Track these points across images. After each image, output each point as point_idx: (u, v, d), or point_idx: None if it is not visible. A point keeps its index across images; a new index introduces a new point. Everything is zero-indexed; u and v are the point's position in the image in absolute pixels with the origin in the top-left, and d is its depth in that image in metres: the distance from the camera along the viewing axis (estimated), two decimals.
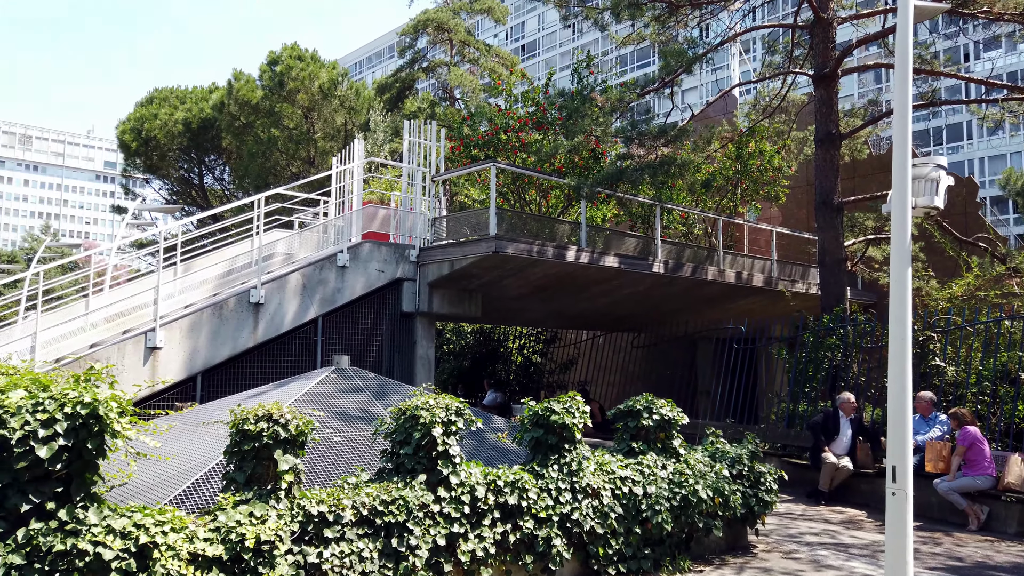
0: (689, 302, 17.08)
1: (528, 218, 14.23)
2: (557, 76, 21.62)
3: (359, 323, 12.20)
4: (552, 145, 14.61)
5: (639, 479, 6.99)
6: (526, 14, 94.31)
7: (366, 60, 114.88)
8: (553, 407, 6.59)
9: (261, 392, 7.70)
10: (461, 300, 13.36)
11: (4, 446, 3.90)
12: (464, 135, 16.86)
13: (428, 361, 12.87)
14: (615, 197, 15.77)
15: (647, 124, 14.85)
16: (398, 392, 7.91)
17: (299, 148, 27.42)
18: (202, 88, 31.61)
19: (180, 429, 6.64)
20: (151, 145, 30.37)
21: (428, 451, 5.70)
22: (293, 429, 4.98)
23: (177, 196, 32.72)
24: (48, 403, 4.00)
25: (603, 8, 13.61)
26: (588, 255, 13.04)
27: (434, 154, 13.61)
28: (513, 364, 21.68)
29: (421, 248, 12.83)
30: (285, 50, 27.09)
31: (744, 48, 59.58)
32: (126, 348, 9.33)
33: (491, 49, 31.44)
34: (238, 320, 10.49)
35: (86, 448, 4.08)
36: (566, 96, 15.21)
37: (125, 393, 4.41)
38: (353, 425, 6.93)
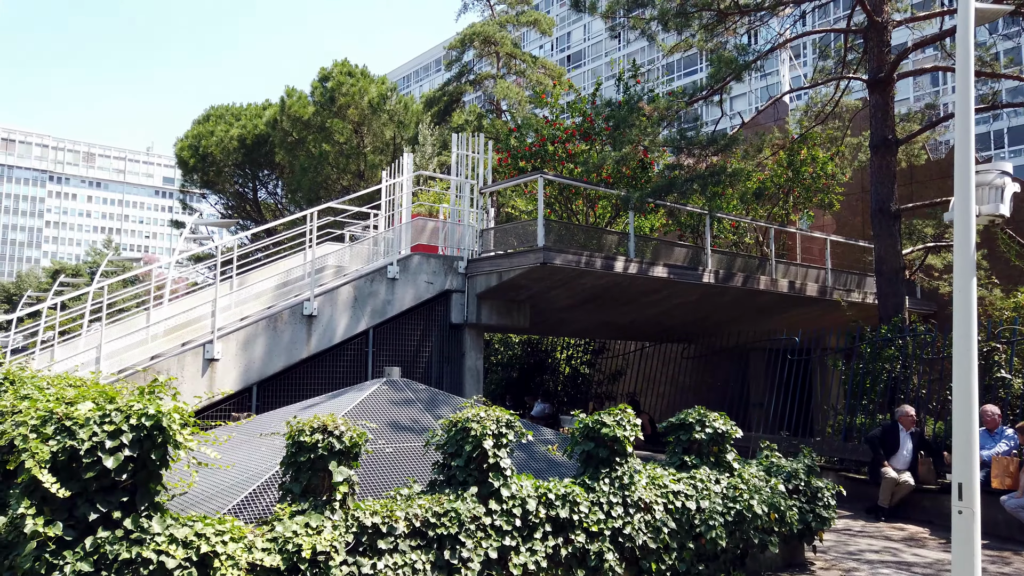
0: (740, 312, 16.81)
1: (576, 229, 14.21)
2: (604, 86, 21.52)
3: (409, 334, 12.32)
4: (599, 155, 14.57)
5: (692, 493, 6.88)
6: (571, 25, 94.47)
7: (413, 74, 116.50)
8: (604, 420, 6.55)
9: (315, 403, 7.82)
10: (509, 311, 13.38)
11: (73, 456, 4.04)
12: (511, 147, 16.94)
13: (477, 372, 12.92)
14: (663, 207, 15.64)
15: (696, 133, 14.70)
16: (448, 404, 7.95)
17: (349, 162, 27.89)
18: (256, 105, 32.45)
19: (237, 439, 6.80)
20: (208, 161, 31.29)
21: (479, 463, 5.71)
22: (347, 441, 5.04)
23: (232, 210, 33.59)
24: (114, 415, 4.13)
25: (651, 18, 13.55)
26: (637, 265, 12.95)
27: (482, 166, 13.70)
28: (561, 375, 21.62)
29: (469, 260, 12.91)
30: (336, 66, 27.64)
31: (794, 54, 58.61)
32: (185, 360, 9.60)
33: (537, 60, 31.56)
34: (292, 332, 10.69)
35: (150, 459, 4.20)
36: (613, 106, 15.16)
37: (186, 404, 4.53)
38: (404, 436, 6.99)
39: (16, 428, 4.15)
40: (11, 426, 4.20)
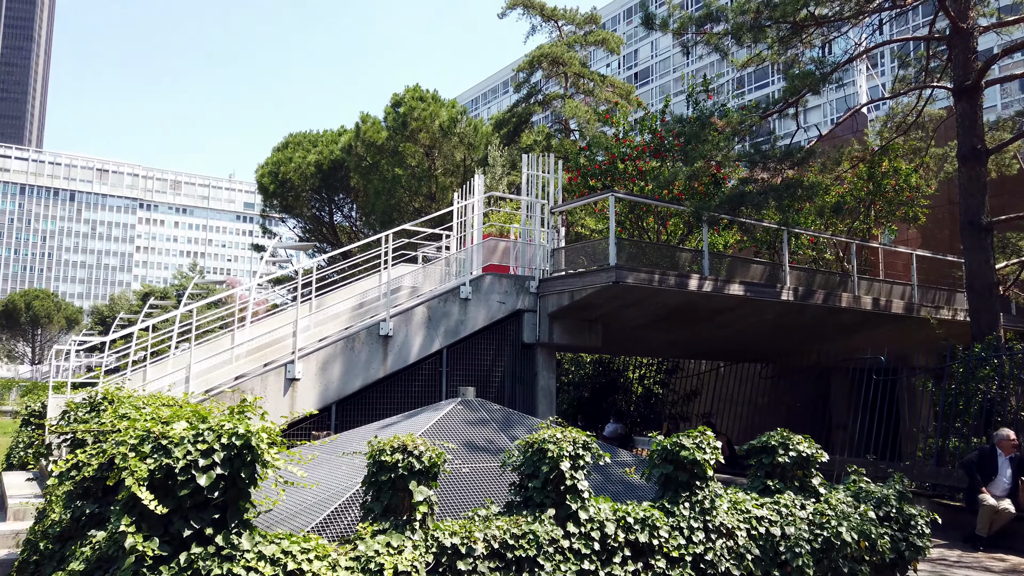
0: (821, 331, 16.26)
1: (647, 247, 14.06)
2: (673, 102, 21.35)
3: (481, 354, 12.40)
4: (671, 172, 14.41)
5: (776, 519, 6.65)
6: (639, 42, 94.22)
7: (482, 97, 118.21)
8: (682, 442, 6.41)
9: (392, 423, 7.94)
10: (581, 330, 13.32)
11: (169, 474, 4.21)
12: (580, 165, 16.94)
13: (549, 392, 12.88)
14: (738, 223, 15.33)
15: (771, 147, 14.39)
16: (523, 424, 7.94)
17: (421, 185, 28.42)
18: (332, 131, 33.50)
19: (319, 458, 6.95)
20: (286, 186, 32.42)
21: (556, 485, 5.67)
22: (427, 461, 5.09)
23: (309, 234, 34.65)
24: (207, 434, 4.29)
25: (724, 33, 13.38)
26: (711, 283, 12.70)
27: (552, 186, 13.74)
28: (633, 395, 21.33)
29: (541, 279, 12.92)
30: (408, 92, 28.30)
31: (871, 64, 56.85)
32: (268, 379, 9.90)
33: (605, 79, 31.57)
34: (369, 352, 10.91)
35: (240, 476, 4.33)
36: (684, 122, 15.00)
37: (273, 424, 4.67)
38: (480, 456, 7.01)
39: (116, 447, 4.35)
40: (112, 445, 4.41)
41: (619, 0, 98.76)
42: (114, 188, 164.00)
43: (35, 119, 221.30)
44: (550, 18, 31.89)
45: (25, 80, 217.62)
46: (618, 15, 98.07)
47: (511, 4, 31.30)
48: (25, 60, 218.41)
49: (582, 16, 31.94)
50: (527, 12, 31.60)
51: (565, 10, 31.89)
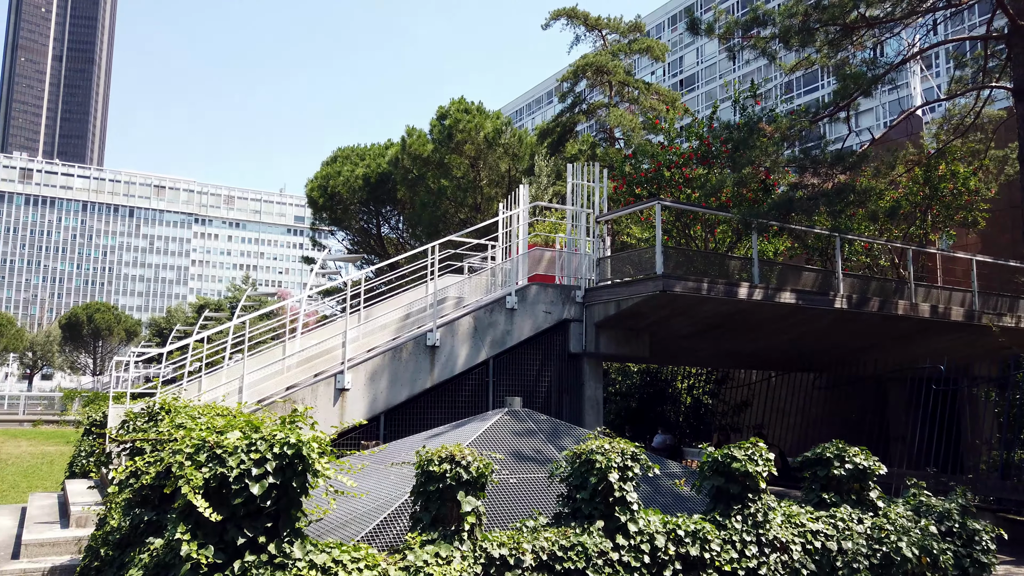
0: (876, 339, 15.80)
1: (695, 255, 13.88)
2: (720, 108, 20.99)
3: (527, 364, 12.38)
4: (718, 178, 14.22)
5: (833, 533, 6.47)
6: (684, 49, 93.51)
7: (526, 107, 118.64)
8: (734, 453, 6.30)
9: (440, 433, 7.97)
10: (628, 340, 13.19)
11: (223, 483, 4.29)
12: (626, 174, 16.83)
13: (596, 402, 12.78)
14: (788, 229, 15.04)
15: (821, 151, 14.08)
16: (570, 434, 7.90)
17: (466, 196, 28.62)
18: (379, 145, 34.01)
19: (368, 467, 7.01)
20: (335, 200, 33.00)
21: (605, 497, 5.62)
22: (474, 471, 5.10)
23: (357, 246, 35.17)
24: (259, 443, 4.37)
25: (771, 37, 13.17)
26: (761, 291, 12.47)
27: (597, 195, 13.69)
28: (682, 405, 21.04)
29: (587, 289, 12.86)
30: (453, 104, 28.57)
31: (925, 65, 55.36)
32: (318, 390, 10.05)
33: (650, 87, 31.38)
34: (416, 362, 10.99)
35: (291, 486, 4.40)
36: (731, 127, 14.79)
37: (323, 434, 4.73)
38: (527, 467, 6.98)
39: (173, 455, 4.46)
40: (168, 453, 4.52)
41: (664, 7, 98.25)
42: (171, 204, 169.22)
43: (96, 139, 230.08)
44: (594, 27, 31.88)
45: (87, 102, 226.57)
46: (662, 22, 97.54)
47: (555, 15, 31.37)
48: (87, 82, 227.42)
49: (626, 24, 31.84)
50: (571, 22, 31.63)
51: (609, 19, 31.85)
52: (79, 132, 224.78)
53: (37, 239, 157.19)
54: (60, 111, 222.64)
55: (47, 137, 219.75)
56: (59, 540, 8.13)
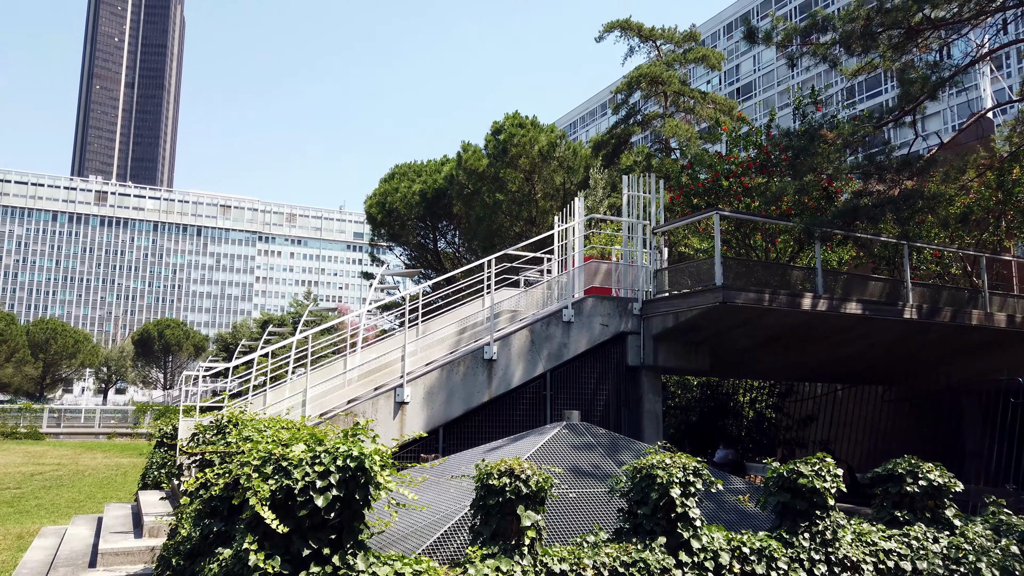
0: (949, 351, 15.20)
1: (755, 265, 13.61)
2: (778, 116, 20.58)
3: (585, 377, 12.30)
4: (778, 187, 13.92)
5: (907, 553, 6.22)
6: (740, 57, 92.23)
7: (580, 120, 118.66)
8: (800, 469, 6.12)
9: (498, 446, 7.98)
10: (687, 352, 13.00)
11: (289, 495, 4.39)
12: (683, 184, 16.64)
13: (656, 416, 12.61)
14: (852, 238, 14.60)
15: (887, 157, 13.66)
16: (630, 449, 7.81)
17: (521, 209, 28.74)
18: (435, 161, 34.50)
19: (428, 480, 7.07)
20: (393, 216, 33.57)
21: (667, 512, 5.53)
22: (533, 485, 5.09)
23: (415, 260, 35.65)
24: (323, 456, 4.45)
25: (832, 42, 12.88)
26: (826, 302, 12.14)
27: (653, 206, 13.57)
28: (744, 419, 20.57)
29: (644, 301, 12.73)
30: (507, 119, 28.78)
31: (995, 65, 53.29)
32: (378, 403, 10.19)
33: (706, 96, 31.05)
34: (473, 376, 11.05)
35: (354, 498, 4.47)
36: (791, 135, 14.48)
37: (385, 447, 4.79)
38: (586, 482, 6.93)
39: (241, 467, 4.58)
40: (236, 465, 4.64)
41: (718, 16, 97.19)
42: (236, 223, 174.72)
43: (166, 161, 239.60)
44: (648, 38, 31.74)
45: (157, 126, 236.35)
46: (717, 31, 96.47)
47: (608, 27, 31.37)
48: (157, 108, 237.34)
49: (681, 34, 31.61)
50: (624, 34, 31.57)
51: (663, 29, 31.67)
52: (150, 155, 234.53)
53: (111, 258, 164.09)
54: (132, 136, 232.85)
55: (120, 161, 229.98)
56: (133, 549, 8.42)
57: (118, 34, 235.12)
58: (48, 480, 21.46)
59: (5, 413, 46.51)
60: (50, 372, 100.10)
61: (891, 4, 12.39)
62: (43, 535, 11.43)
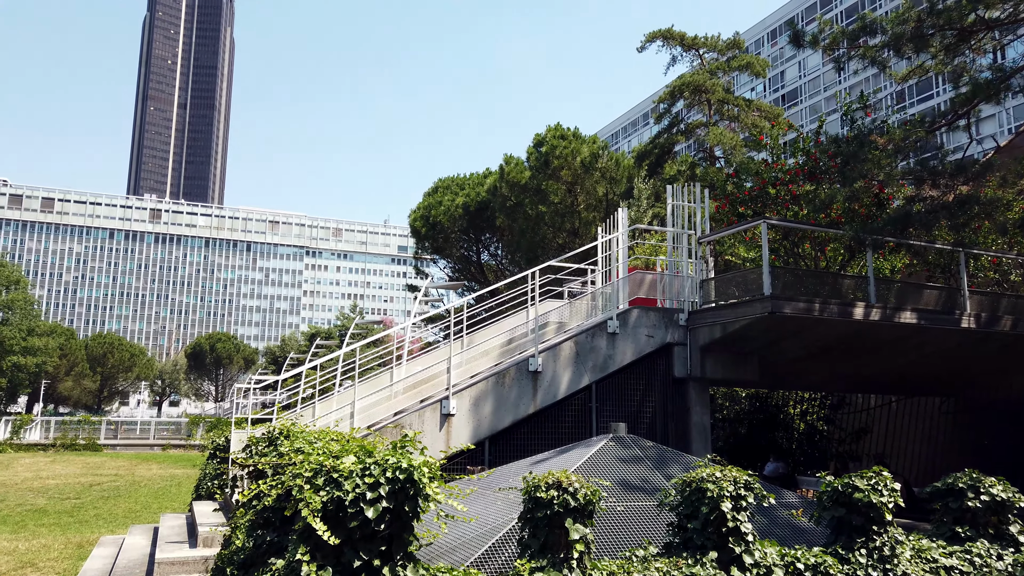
0: (1011, 361, 14.66)
1: (804, 274, 13.35)
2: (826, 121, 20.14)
3: (631, 389, 12.20)
4: (827, 194, 13.64)
5: (969, 570, 6.00)
6: (785, 63, 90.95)
7: (622, 130, 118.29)
8: (855, 483, 5.97)
9: (544, 459, 7.96)
10: (735, 364, 12.80)
11: (340, 507, 4.44)
12: (728, 193, 16.44)
13: (704, 428, 12.43)
14: (906, 245, 14.23)
15: (940, 161, 13.29)
16: (678, 462, 7.71)
17: (564, 221, 28.73)
18: (477, 174, 34.74)
19: (475, 492, 7.08)
20: (436, 229, 33.87)
21: (717, 527, 5.44)
22: (581, 498, 5.06)
23: (458, 273, 35.89)
24: (373, 468, 4.50)
25: (881, 45, 12.61)
26: (879, 311, 11.84)
27: (699, 215, 13.43)
28: (795, 432, 20.13)
29: (690, 311, 12.59)
30: (549, 131, 28.85)
31: None
32: (425, 415, 10.26)
33: (751, 103, 30.67)
34: (519, 388, 11.05)
35: (403, 510, 4.50)
36: (840, 141, 14.20)
37: (433, 458, 4.82)
38: (634, 495, 6.86)
39: (293, 479, 4.66)
40: (288, 477, 4.72)
41: (762, 22, 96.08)
42: (284, 238, 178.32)
43: (217, 179, 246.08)
44: (691, 47, 31.53)
45: (208, 145, 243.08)
46: (761, 38, 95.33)
47: (650, 37, 31.25)
48: (208, 127, 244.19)
49: (724, 42, 31.32)
50: (667, 44, 31.41)
51: (706, 37, 31.43)
52: (202, 173, 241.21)
53: (165, 274, 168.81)
54: (185, 154, 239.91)
55: (173, 179, 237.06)
56: (188, 559, 8.61)
57: (171, 57, 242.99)
58: (106, 491, 22.10)
59: (65, 425, 48.10)
60: (107, 385, 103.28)
61: (943, 5, 12.10)
62: (102, 544, 11.76)
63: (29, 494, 20.87)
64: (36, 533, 14.16)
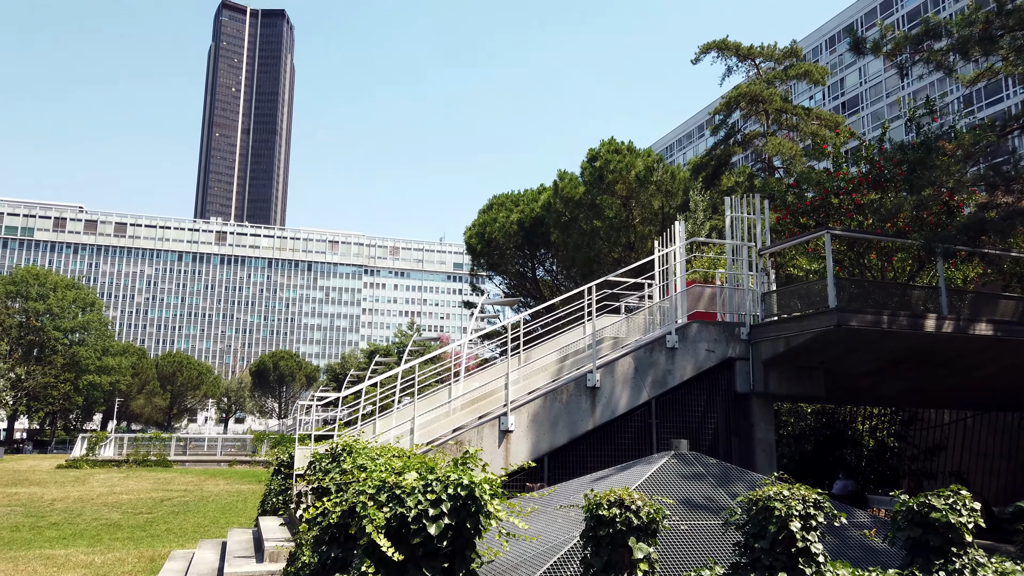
0: None
1: (871, 286, 12.95)
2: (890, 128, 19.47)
3: (691, 405, 11.99)
4: (894, 203, 13.25)
5: None
6: (844, 70, 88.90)
7: (676, 143, 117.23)
8: (932, 502, 5.72)
9: (605, 476, 7.88)
10: (800, 378, 12.46)
11: (403, 523, 4.48)
12: (789, 204, 16.11)
13: (769, 445, 12.12)
14: (979, 254, 13.68)
15: (1014, 166, 12.77)
16: (743, 480, 7.53)
17: (619, 235, 28.55)
18: (531, 190, 34.87)
19: (535, 510, 7.05)
20: (492, 245, 34.08)
21: (786, 547, 5.28)
22: (644, 516, 4.98)
23: (514, 289, 35.98)
24: (435, 484, 4.53)
25: (947, 49, 12.23)
26: (951, 323, 11.39)
27: (759, 227, 13.18)
28: (864, 448, 19.45)
29: (752, 325, 12.33)
30: (603, 145, 28.79)
31: None
32: (483, 431, 10.28)
33: (810, 112, 30.06)
34: (577, 404, 10.98)
35: (465, 527, 4.51)
36: (906, 148, 13.78)
37: (494, 475, 4.82)
38: (698, 514, 6.73)
39: (356, 495, 4.72)
40: (352, 493, 4.78)
41: (820, 30, 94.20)
42: (343, 257, 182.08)
43: (279, 201, 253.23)
44: (746, 57, 31.12)
45: (270, 168, 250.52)
46: (819, 45, 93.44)
47: (704, 49, 30.97)
48: (270, 151, 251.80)
49: (781, 51, 30.82)
50: (721, 55, 31.08)
51: (763, 47, 30.98)
52: (264, 196, 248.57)
53: (230, 294, 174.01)
54: (248, 178, 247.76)
55: (238, 202, 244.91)
56: (255, 574, 8.79)
57: (235, 84, 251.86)
58: (176, 505, 22.76)
59: (137, 442, 49.83)
60: (177, 403, 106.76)
61: (1012, 5, 11.67)
62: (173, 558, 12.11)
63: (104, 509, 21.66)
64: (111, 547, 14.67)
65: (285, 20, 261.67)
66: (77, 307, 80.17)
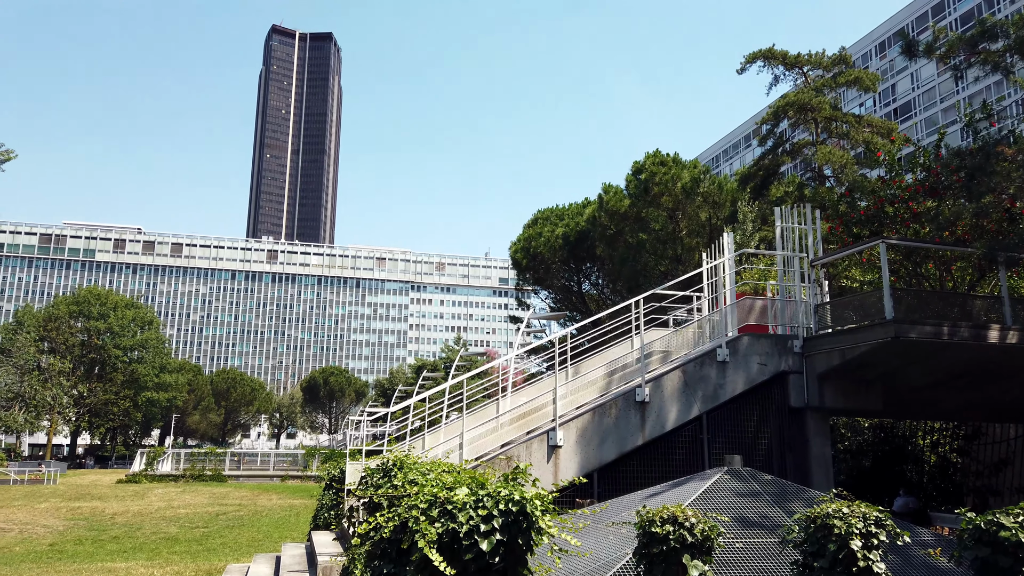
0: None
1: (929, 296, 12.56)
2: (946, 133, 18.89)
3: (743, 420, 11.77)
4: (952, 210, 12.85)
5: None
6: (895, 76, 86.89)
7: (723, 153, 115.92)
8: (1001, 520, 5.49)
9: (657, 492, 7.77)
10: (856, 392, 12.13)
11: (454, 538, 4.49)
12: (841, 213, 15.75)
13: (825, 461, 11.81)
14: None
15: None
16: (800, 497, 7.35)
17: (666, 248, 28.30)
18: (576, 204, 34.85)
19: (586, 527, 6.98)
20: (537, 260, 34.13)
21: (847, 566, 5.13)
22: (699, 533, 4.90)
23: (559, 303, 35.92)
24: (486, 500, 4.53)
25: (1004, 50, 11.87)
26: (1016, 334, 10.97)
27: (810, 237, 12.93)
28: (926, 464, 18.79)
29: (805, 338, 12.07)
30: (648, 158, 28.64)
31: None
32: (532, 446, 10.25)
33: (861, 119, 29.42)
34: (626, 419, 10.87)
35: (517, 543, 4.49)
36: (963, 154, 13.37)
37: (545, 491, 4.80)
38: (754, 531, 6.58)
39: (408, 511, 4.75)
40: (404, 508, 4.81)
41: (869, 36, 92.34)
42: (390, 273, 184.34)
43: (327, 220, 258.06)
44: (793, 65, 30.66)
45: (319, 188, 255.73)
46: (869, 51, 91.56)
47: (750, 58, 30.61)
48: (319, 171, 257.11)
49: (829, 58, 30.29)
50: (768, 64, 30.68)
51: (810, 55, 30.50)
52: (313, 215, 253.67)
53: (281, 311, 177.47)
54: (298, 198, 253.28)
55: (288, 221, 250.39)
56: None
57: (284, 106, 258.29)
58: (231, 520, 23.20)
59: (194, 457, 51.02)
60: (231, 418, 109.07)
61: None
62: (229, 572, 12.33)
63: (162, 523, 22.20)
64: (169, 560, 15.02)
65: (332, 43, 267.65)
66: (136, 325, 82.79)
